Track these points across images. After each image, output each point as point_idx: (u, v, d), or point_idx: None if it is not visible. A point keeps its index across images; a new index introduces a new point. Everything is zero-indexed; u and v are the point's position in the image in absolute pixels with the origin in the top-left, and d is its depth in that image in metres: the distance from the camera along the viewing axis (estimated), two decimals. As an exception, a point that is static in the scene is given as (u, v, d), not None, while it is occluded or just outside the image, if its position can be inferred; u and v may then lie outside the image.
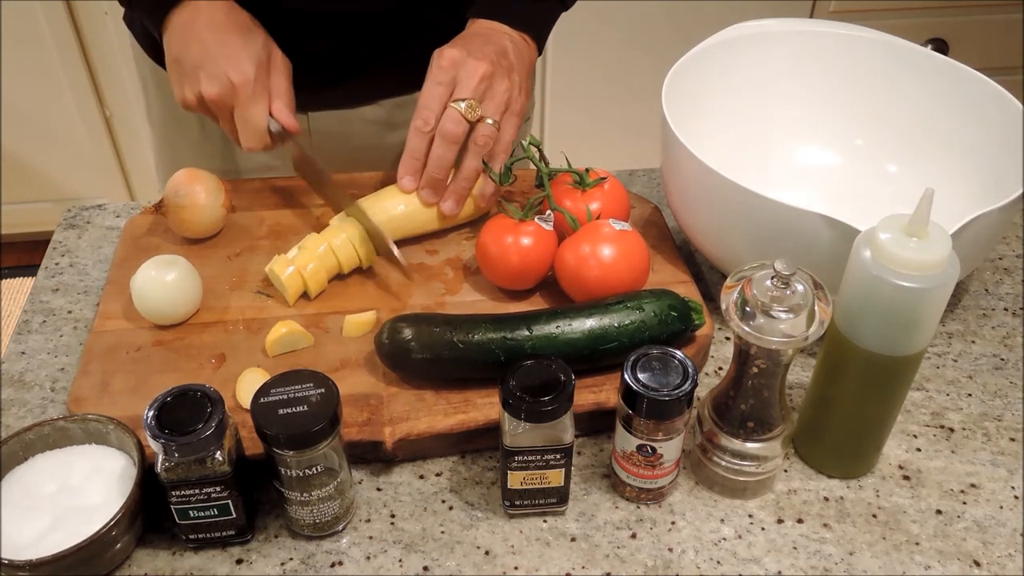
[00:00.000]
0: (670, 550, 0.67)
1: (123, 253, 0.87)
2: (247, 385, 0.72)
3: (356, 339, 0.78)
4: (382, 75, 0.97)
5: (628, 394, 0.63)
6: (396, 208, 0.85)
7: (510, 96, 0.84)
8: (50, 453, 0.67)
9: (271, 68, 0.84)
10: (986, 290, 0.89)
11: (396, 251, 0.81)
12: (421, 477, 0.71)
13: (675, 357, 0.65)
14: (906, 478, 0.72)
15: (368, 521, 0.68)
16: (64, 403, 0.76)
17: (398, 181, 0.85)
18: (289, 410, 0.61)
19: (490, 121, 0.83)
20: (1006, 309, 0.87)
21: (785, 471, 0.72)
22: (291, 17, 0.86)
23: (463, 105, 0.81)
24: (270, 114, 0.83)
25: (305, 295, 0.81)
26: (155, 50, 0.98)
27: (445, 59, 0.82)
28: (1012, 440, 0.75)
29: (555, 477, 0.66)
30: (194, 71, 0.81)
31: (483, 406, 0.71)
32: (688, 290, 0.81)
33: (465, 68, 0.82)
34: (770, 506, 0.70)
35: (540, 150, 0.84)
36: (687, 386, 0.63)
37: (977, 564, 0.66)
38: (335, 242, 0.81)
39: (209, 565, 0.66)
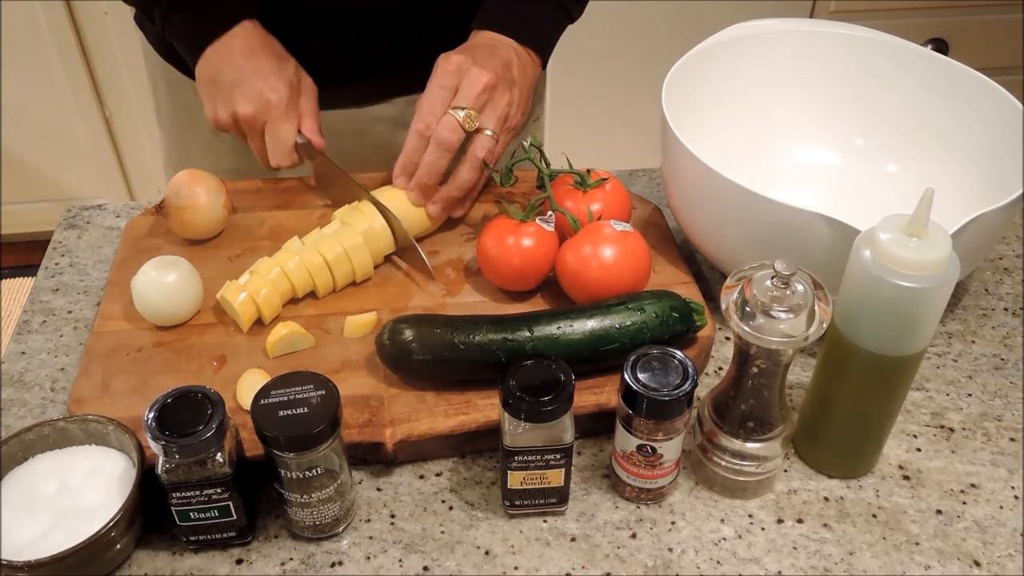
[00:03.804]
0: (670, 550, 0.67)
1: (124, 254, 0.87)
2: (248, 386, 0.72)
3: (357, 340, 0.78)
4: (395, 73, 0.98)
5: (628, 394, 0.63)
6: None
7: (509, 110, 0.84)
8: (50, 454, 0.67)
9: (300, 91, 0.87)
10: (986, 290, 0.89)
11: (426, 260, 0.83)
12: (421, 477, 0.71)
13: (675, 357, 0.65)
14: (906, 478, 0.72)
15: (368, 521, 0.68)
16: (64, 403, 0.76)
17: (393, 178, 0.85)
18: (289, 412, 0.61)
19: (489, 132, 0.83)
20: (1006, 309, 0.87)
21: (785, 471, 0.72)
22: (306, 14, 0.86)
23: (462, 114, 0.81)
24: (299, 132, 0.86)
25: (259, 321, 0.79)
26: (168, 49, 0.98)
27: (451, 64, 0.82)
28: (1012, 440, 0.75)
29: (555, 477, 0.66)
30: (230, 91, 0.84)
31: (484, 407, 0.71)
32: (689, 291, 0.81)
33: (468, 76, 0.82)
34: (770, 506, 0.70)
35: (541, 151, 0.84)
36: (687, 386, 0.63)
37: (977, 564, 0.66)
38: (288, 266, 0.79)
39: (209, 565, 0.66)
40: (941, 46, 2.05)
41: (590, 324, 0.72)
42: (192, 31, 0.87)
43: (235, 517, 0.64)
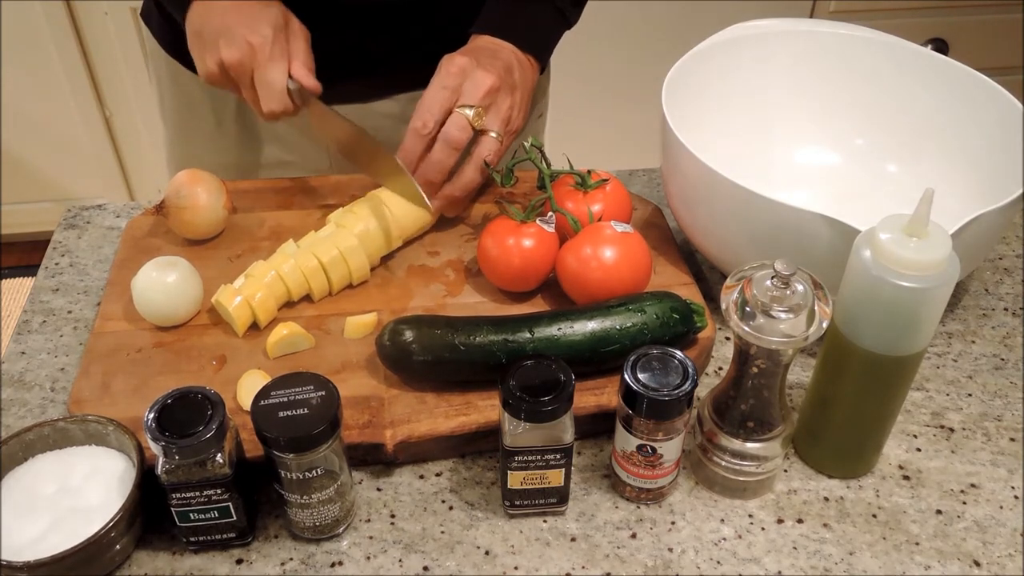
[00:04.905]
0: (670, 550, 0.67)
1: (124, 254, 0.87)
2: (248, 387, 0.72)
3: (357, 341, 0.78)
4: (397, 69, 0.98)
5: (628, 394, 0.63)
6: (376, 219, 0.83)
7: (511, 114, 0.84)
8: (50, 454, 0.67)
9: (289, 33, 0.83)
10: (986, 290, 0.89)
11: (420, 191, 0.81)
12: (421, 477, 0.71)
13: (675, 357, 0.65)
14: (906, 478, 0.72)
15: (368, 521, 0.68)
16: (64, 403, 0.76)
17: None
18: (289, 413, 0.61)
19: (493, 134, 0.83)
20: (1006, 309, 0.87)
21: (785, 471, 0.72)
22: (307, 10, 0.86)
23: (470, 112, 0.81)
24: (290, 76, 0.82)
25: (255, 325, 0.79)
26: (172, 44, 0.98)
27: (455, 65, 0.82)
28: (1012, 440, 0.75)
29: (555, 477, 0.66)
30: (214, 40, 0.81)
31: (484, 408, 0.71)
32: (690, 292, 0.81)
33: (473, 78, 0.82)
34: (770, 506, 0.70)
35: (542, 151, 0.84)
36: (687, 386, 0.63)
37: (977, 564, 0.66)
38: (283, 269, 0.79)
39: (209, 565, 0.66)
40: (941, 46, 2.05)
41: (591, 325, 0.72)
42: None
43: (235, 518, 0.64)
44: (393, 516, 0.69)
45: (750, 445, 0.67)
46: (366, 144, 0.84)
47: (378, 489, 0.71)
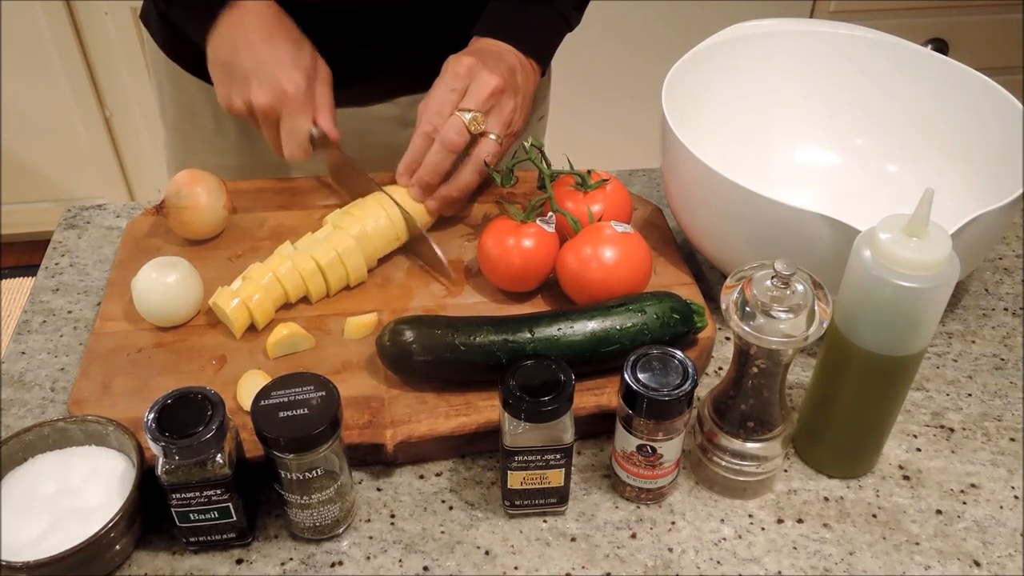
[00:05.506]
0: (670, 550, 0.67)
1: (124, 254, 0.87)
2: (248, 387, 0.72)
3: (357, 341, 0.78)
4: (396, 73, 0.98)
5: (628, 394, 0.63)
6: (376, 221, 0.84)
7: (513, 116, 0.84)
8: (50, 454, 0.67)
9: (316, 78, 0.85)
10: (986, 290, 0.89)
11: (438, 251, 0.82)
12: (421, 477, 0.71)
13: (675, 357, 0.65)
14: (906, 478, 0.72)
15: (368, 521, 0.68)
16: (64, 403, 0.76)
17: (396, 176, 0.86)
18: (290, 413, 0.61)
19: (493, 137, 0.83)
20: (1006, 309, 0.87)
21: (785, 471, 0.72)
22: (306, 14, 0.86)
23: (468, 116, 0.81)
24: (314, 123, 0.84)
25: (253, 327, 0.78)
26: (171, 47, 0.98)
27: (462, 66, 0.82)
28: (1012, 440, 0.75)
29: (555, 477, 0.66)
30: (245, 78, 0.82)
31: (484, 408, 0.71)
32: (690, 292, 0.81)
33: (478, 79, 0.82)
34: (770, 506, 0.70)
35: (542, 151, 0.84)
36: (687, 386, 0.63)
37: (977, 564, 0.66)
38: (281, 271, 0.78)
39: (209, 565, 0.66)
40: (941, 46, 2.05)
41: (591, 325, 0.72)
42: (199, 5, 0.84)
43: (235, 518, 0.64)
44: (393, 516, 0.69)
45: (750, 445, 0.67)
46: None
47: (378, 489, 0.71)
